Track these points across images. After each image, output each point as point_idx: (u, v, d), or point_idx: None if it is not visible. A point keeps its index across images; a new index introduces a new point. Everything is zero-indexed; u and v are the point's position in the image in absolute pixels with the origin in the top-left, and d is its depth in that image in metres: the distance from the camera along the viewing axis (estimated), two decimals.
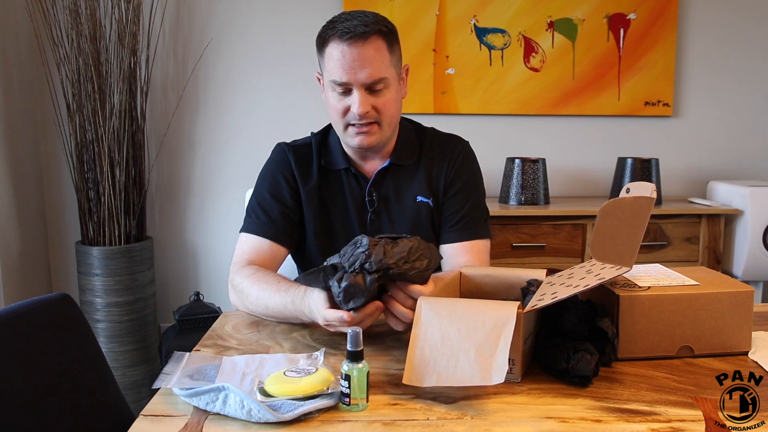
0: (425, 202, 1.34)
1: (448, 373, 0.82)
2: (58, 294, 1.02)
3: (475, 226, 1.34)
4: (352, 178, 1.34)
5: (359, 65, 1.19)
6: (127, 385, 2.35)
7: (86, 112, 2.32)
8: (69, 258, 2.64)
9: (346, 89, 1.23)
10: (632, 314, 0.96)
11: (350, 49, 1.19)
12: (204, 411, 0.80)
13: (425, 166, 1.36)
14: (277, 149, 1.38)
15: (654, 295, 0.96)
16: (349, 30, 1.18)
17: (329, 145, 1.37)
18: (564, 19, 2.66)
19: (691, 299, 0.97)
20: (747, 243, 2.41)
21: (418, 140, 1.39)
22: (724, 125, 2.78)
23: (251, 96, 2.65)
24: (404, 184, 1.35)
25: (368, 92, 1.23)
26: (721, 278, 1.05)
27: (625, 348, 0.96)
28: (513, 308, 0.84)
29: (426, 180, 1.35)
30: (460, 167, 1.36)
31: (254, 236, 1.29)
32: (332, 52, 1.21)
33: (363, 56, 1.19)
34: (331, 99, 1.25)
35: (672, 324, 0.97)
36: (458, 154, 1.37)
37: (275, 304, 1.13)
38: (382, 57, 1.22)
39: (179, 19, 2.60)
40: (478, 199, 1.38)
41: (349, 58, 1.19)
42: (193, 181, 2.69)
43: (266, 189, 1.33)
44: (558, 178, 2.75)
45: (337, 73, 1.21)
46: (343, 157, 1.34)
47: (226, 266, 1.36)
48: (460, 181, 1.35)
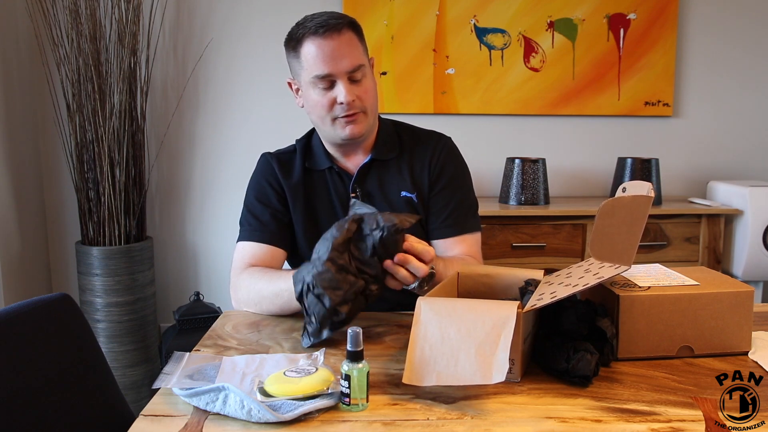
0: (409, 196, 1.36)
1: (449, 372, 0.82)
2: (58, 294, 1.02)
3: (464, 220, 1.37)
4: (336, 176, 1.37)
5: (339, 55, 1.23)
6: (127, 385, 2.35)
7: (86, 112, 2.32)
8: (69, 258, 2.64)
9: (329, 82, 1.25)
10: (632, 314, 0.96)
11: (327, 42, 1.23)
12: (204, 411, 0.80)
13: (407, 161, 1.38)
14: (261, 159, 1.42)
15: (654, 295, 0.96)
16: (322, 24, 1.23)
17: (312, 148, 1.40)
18: (564, 19, 2.66)
19: (691, 299, 0.97)
20: (747, 243, 2.41)
21: (398, 135, 1.41)
22: (724, 125, 2.78)
23: (251, 96, 2.66)
24: (387, 179, 1.37)
25: (350, 82, 1.26)
26: (721, 278, 1.05)
27: (625, 348, 0.96)
28: (513, 308, 0.84)
29: (409, 175, 1.37)
30: (444, 163, 1.38)
31: (250, 242, 1.32)
32: (309, 49, 1.24)
33: (340, 46, 1.23)
34: (314, 96, 1.27)
35: (672, 324, 0.97)
36: (441, 150, 1.38)
37: (268, 291, 1.17)
38: (356, 46, 1.27)
39: (179, 19, 2.60)
40: (466, 193, 1.40)
41: (328, 50, 1.23)
42: (193, 181, 2.69)
43: (254, 197, 1.37)
44: (558, 178, 2.75)
45: (318, 67, 1.24)
46: (326, 156, 1.37)
47: (226, 266, 1.36)
48: (445, 177, 1.37)
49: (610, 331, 0.91)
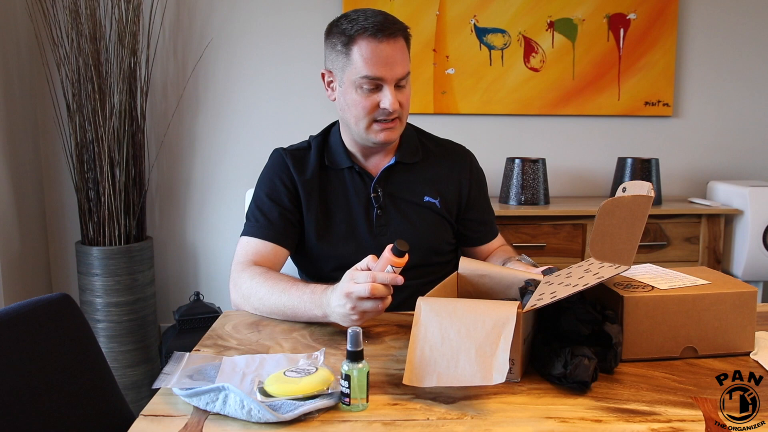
0: (432, 202, 1.38)
1: (449, 373, 0.82)
2: (58, 294, 1.02)
3: (495, 223, 1.53)
4: (357, 176, 1.36)
5: (393, 61, 1.23)
6: (127, 385, 2.35)
7: (86, 112, 2.32)
8: (69, 258, 2.64)
9: (375, 85, 1.24)
10: (636, 315, 0.95)
11: (383, 46, 1.22)
12: (204, 411, 0.80)
13: (431, 167, 1.40)
14: (274, 154, 1.41)
15: (658, 296, 0.96)
16: (381, 28, 1.22)
17: (331, 146, 1.39)
18: (564, 19, 2.66)
19: (695, 300, 0.96)
20: (747, 243, 2.41)
21: (419, 141, 1.44)
22: (724, 125, 2.78)
23: (251, 96, 2.65)
24: (410, 183, 1.38)
25: (396, 89, 1.26)
26: (724, 278, 1.04)
27: (630, 349, 0.96)
28: (513, 308, 0.84)
29: (433, 181, 1.39)
30: (478, 179, 1.47)
31: (255, 239, 1.30)
32: (364, 49, 1.22)
33: (395, 52, 1.24)
34: (356, 96, 1.26)
35: (676, 325, 0.96)
36: (470, 165, 1.46)
37: (290, 302, 1.13)
38: (406, 54, 1.28)
39: (179, 19, 2.60)
40: (489, 201, 1.52)
41: (383, 54, 1.22)
42: (193, 181, 2.69)
43: (264, 193, 1.35)
44: (558, 178, 2.75)
45: (370, 69, 1.22)
46: (346, 155, 1.36)
47: (226, 266, 1.36)
48: (480, 194, 1.47)
49: (616, 338, 0.89)
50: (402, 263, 0.98)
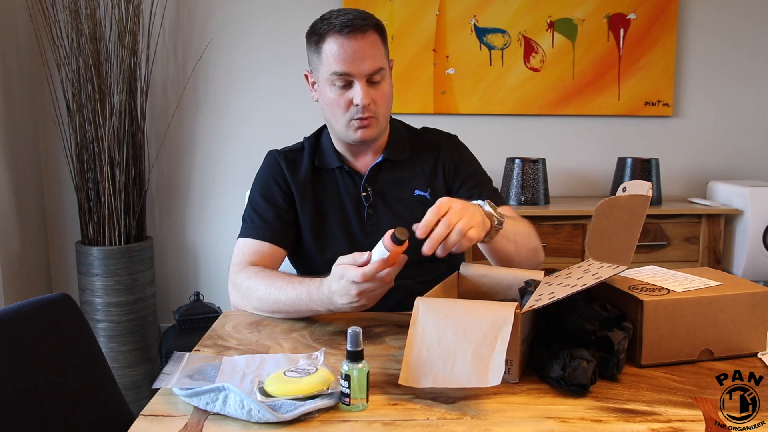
0: (423, 195, 1.38)
1: (445, 374, 0.82)
2: (58, 294, 1.02)
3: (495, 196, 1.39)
4: (346, 176, 1.37)
5: (360, 56, 1.23)
6: (127, 385, 2.35)
7: (86, 112, 2.32)
8: (69, 258, 2.64)
9: (346, 82, 1.25)
10: (656, 319, 0.93)
11: (350, 42, 1.22)
12: (204, 411, 0.80)
13: (418, 161, 1.40)
14: (268, 156, 1.42)
15: (677, 298, 0.94)
16: (347, 24, 1.22)
17: (322, 146, 1.40)
18: (564, 19, 2.66)
19: (711, 301, 0.94)
20: (747, 243, 2.41)
21: (409, 138, 1.44)
22: (724, 125, 2.78)
23: (251, 96, 2.65)
24: (399, 179, 1.38)
25: (368, 84, 1.26)
26: (732, 279, 1.02)
27: (650, 354, 0.93)
28: (510, 309, 0.83)
29: (421, 174, 1.39)
30: (458, 157, 1.42)
31: (252, 240, 1.31)
32: (331, 46, 1.23)
33: (363, 48, 1.23)
34: (331, 94, 1.27)
35: (693, 327, 0.94)
36: (452, 147, 1.43)
37: (287, 297, 1.14)
38: (378, 49, 1.26)
39: (179, 19, 2.60)
40: (483, 176, 1.45)
41: (350, 50, 1.22)
42: (193, 181, 2.69)
43: (259, 194, 1.36)
44: (558, 178, 2.75)
45: (338, 65, 1.23)
46: (335, 155, 1.37)
47: (226, 266, 1.36)
48: (463, 170, 1.41)
49: (618, 345, 0.88)
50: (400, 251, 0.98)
